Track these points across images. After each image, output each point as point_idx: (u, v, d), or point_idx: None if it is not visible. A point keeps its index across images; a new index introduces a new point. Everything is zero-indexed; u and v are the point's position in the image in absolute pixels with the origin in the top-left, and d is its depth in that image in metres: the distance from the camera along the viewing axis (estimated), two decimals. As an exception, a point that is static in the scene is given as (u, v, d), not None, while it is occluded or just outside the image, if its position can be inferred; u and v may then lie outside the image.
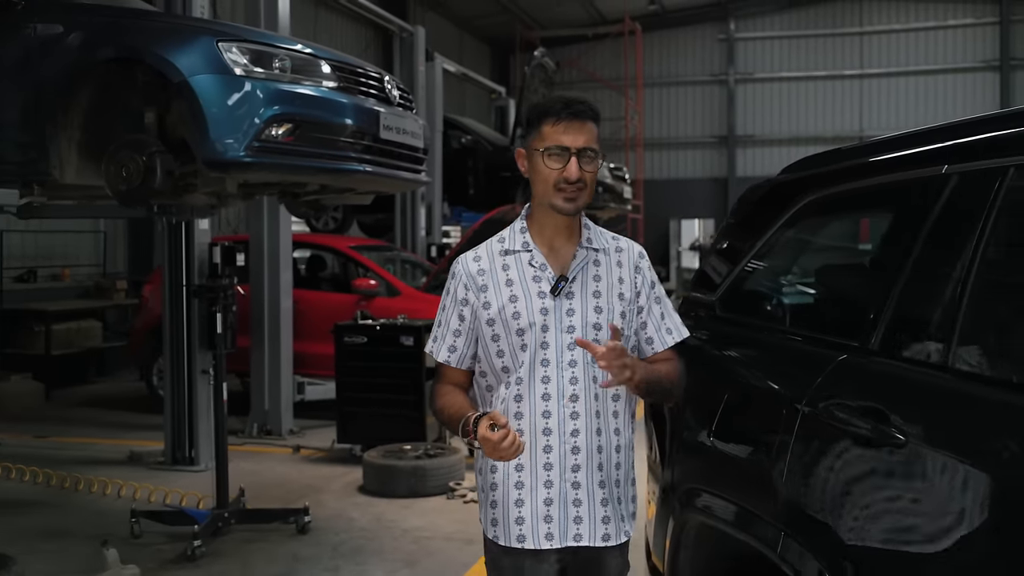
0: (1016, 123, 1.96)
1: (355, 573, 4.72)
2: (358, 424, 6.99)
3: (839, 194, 2.52)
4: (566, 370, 2.25)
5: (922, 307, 1.97)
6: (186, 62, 4.26)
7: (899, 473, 1.83)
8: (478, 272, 2.32)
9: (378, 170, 4.81)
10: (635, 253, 2.39)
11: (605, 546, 2.30)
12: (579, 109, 2.26)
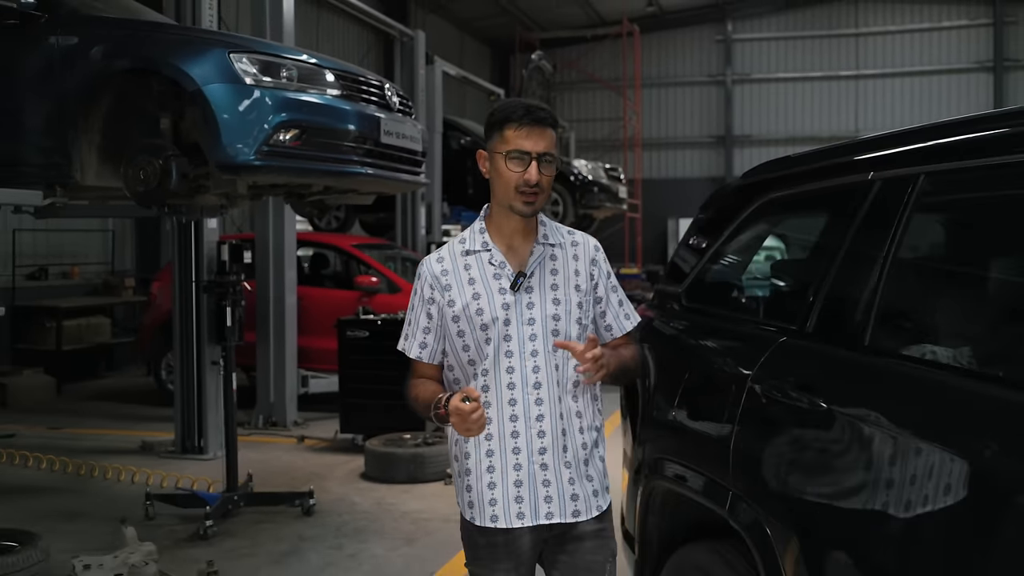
0: (925, 137, 2.27)
1: (358, 550, 5.03)
2: (360, 414, 7.30)
3: (789, 196, 2.83)
4: (528, 360, 2.38)
5: (847, 296, 2.28)
6: (200, 72, 4.56)
7: (823, 437, 2.14)
8: (441, 272, 2.44)
9: (379, 172, 5.12)
10: (591, 247, 2.52)
11: (576, 521, 2.42)
12: (540, 116, 2.35)
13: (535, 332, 2.39)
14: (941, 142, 2.20)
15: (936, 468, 1.80)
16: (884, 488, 1.91)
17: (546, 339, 2.39)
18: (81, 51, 4.82)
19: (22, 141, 5.01)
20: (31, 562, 4.34)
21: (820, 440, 2.16)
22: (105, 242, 12.10)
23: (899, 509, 1.87)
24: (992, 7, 23.54)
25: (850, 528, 2.00)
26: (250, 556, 4.93)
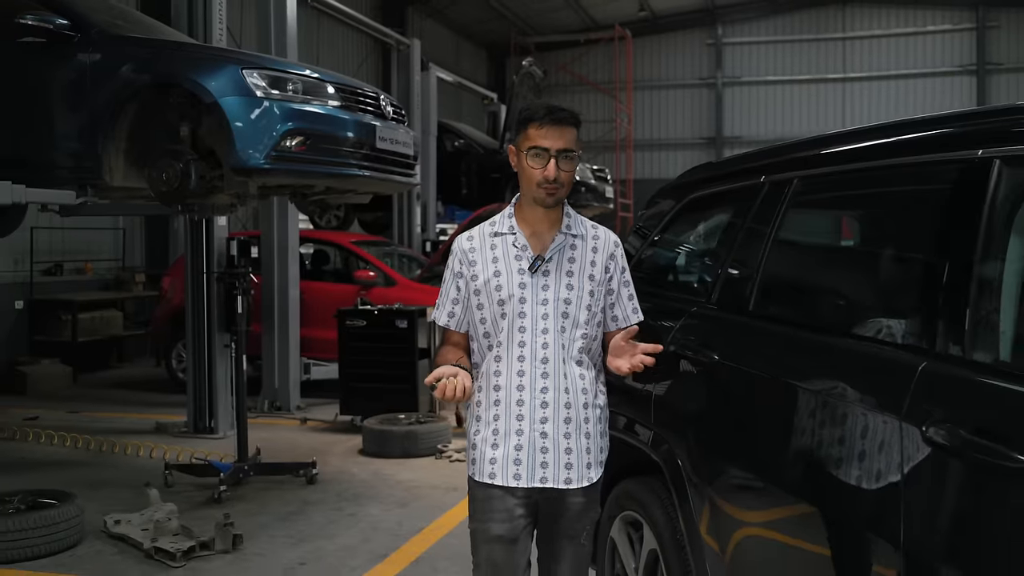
0: (798, 149, 2.88)
1: (356, 511, 5.64)
2: (358, 397, 7.92)
3: (708, 195, 3.45)
4: (539, 337, 2.60)
5: (739, 274, 2.90)
6: (216, 86, 5.19)
7: (716, 383, 2.76)
8: (470, 249, 2.70)
9: (375, 174, 5.75)
10: (611, 242, 2.75)
11: (567, 488, 2.64)
12: (560, 116, 2.58)
13: (547, 312, 2.61)
14: (808, 154, 2.82)
15: (789, 399, 2.42)
16: (760, 419, 2.53)
17: (556, 319, 2.61)
18: (109, 67, 5.45)
19: (57, 147, 5.65)
20: (70, 515, 4.95)
21: (714, 385, 2.78)
22: (116, 240, 12.71)
23: (768, 430, 2.49)
24: (975, 12, 24.14)
25: (735, 452, 2.62)
26: (260, 515, 5.54)
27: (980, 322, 1.97)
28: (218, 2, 7.76)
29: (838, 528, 2.22)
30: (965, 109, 2.32)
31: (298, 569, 4.67)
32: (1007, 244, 2.00)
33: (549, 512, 2.70)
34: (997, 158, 2.05)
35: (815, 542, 2.27)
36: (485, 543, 2.69)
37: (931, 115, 2.41)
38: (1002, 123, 2.12)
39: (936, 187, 2.23)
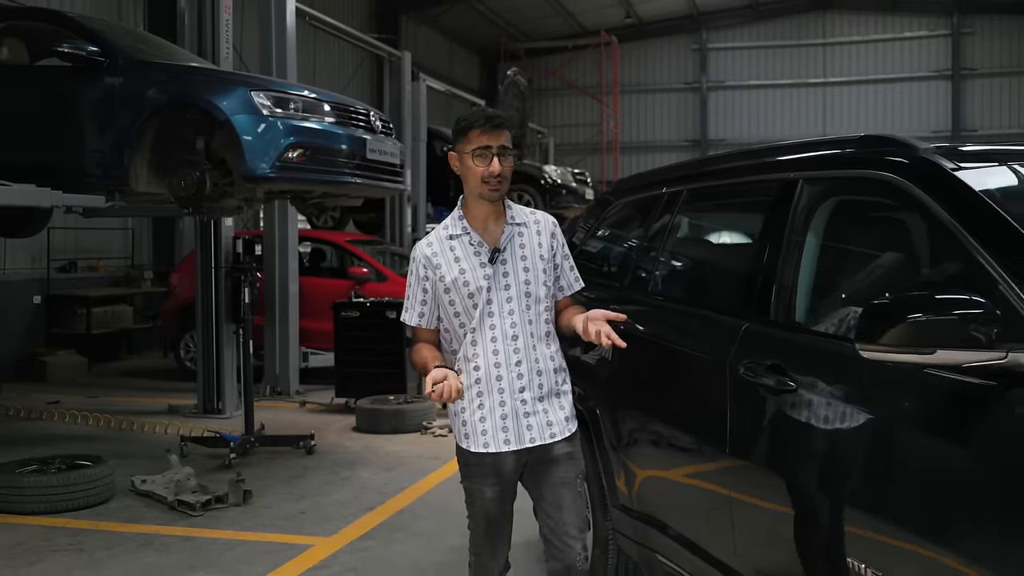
0: (687, 168, 3.73)
1: (349, 475, 6.47)
2: (352, 381, 8.74)
3: (631, 201, 4.28)
4: (507, 318, 2.90)
5: (644, 264, 3.74)
6: (228, 105, 6.02)
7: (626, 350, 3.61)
8: (432, 255, 2.95)
9: (366, 181, 6.59)
10: (550, 223, 3.05)
11: (553, 442, 2.95)
12: (497, 121, 2.88)
13: (511, 295, 2.91)
14: (693, 172, 3.67)
15: (668, 358, 3.26)
16: (652, 374, 3.37)
17: (520, 300, 2.91)
18: (135, 89, 6.28)
19: (88, 157, 6.47)
20: (103, 475, 5.78)
21: (623, 351, 3.62)
22: (126, 239, 13.52)
23: (655, 382, 3.33)
24: (950, 19, 25.01)
25: (636, 401, 3.46)
26: (266, 479, 6.36)
27: (783, 294, 2.82)
28: (225, 23, 8.61)
29: (696, 445, 3.07)
30: (789, 142, 3.16)
31: (299, 517, 5.50)
32: (805, 239, 2.84)
33: (542, 467, 2.97)
34: (801, 179, 2.89)
35: (685, 454, 3.13)
36: (480, 500, 3.00)
37: (766, 145, 3.26)
38: (804, 155, 2.98)
39: (766, 199, 3.08)
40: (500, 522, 3.05)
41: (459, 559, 4.68)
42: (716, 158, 3.59)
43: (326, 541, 5.02)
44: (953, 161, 2.44)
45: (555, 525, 2.96)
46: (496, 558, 3.11)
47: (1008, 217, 2.17)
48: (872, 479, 2.24)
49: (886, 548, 2.18)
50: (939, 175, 2.38)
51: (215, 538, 5.09)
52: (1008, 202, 2.27)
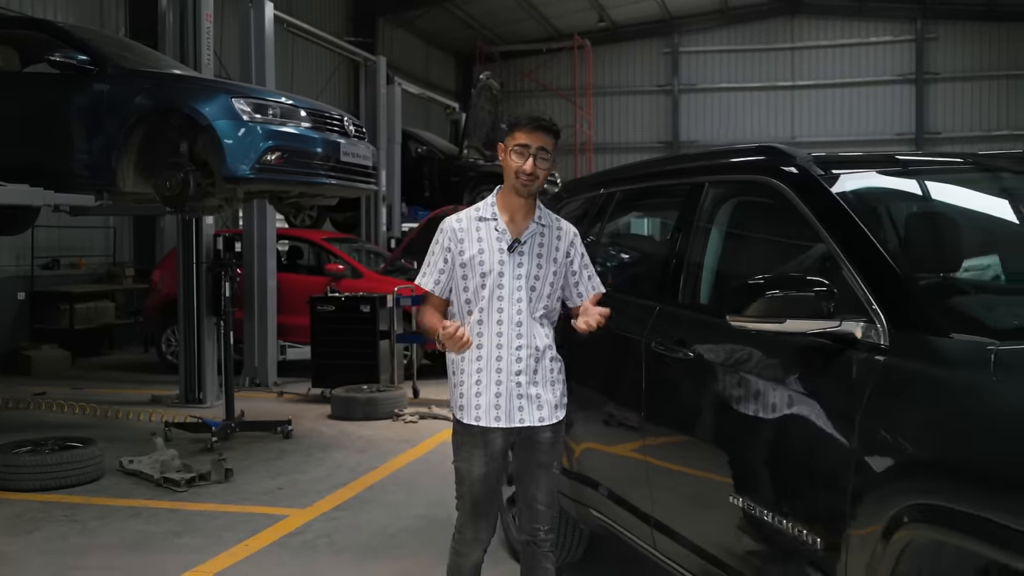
0: (620, 172, 4.22)
1: (324, 456, 6.93)
2: (328, 372, 9.19)
3: (574, 201, 4.77)
4: (515, 304, 3.08)
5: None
6: (210, 111, 6.47)
7: (565, 329, 4.09)
8: (459, 229, 3.15)
9: (340, 182, 7.05)
10: (571, 232, 3.25)
11: (541, 425, 3.14)
12: (542, 123, 3.09)
13: (520, 285, 3.10)
14: (625, 175, 4.16)
15: (608, 343, 3.75)
16: (591, 357, 3.86)
17: (527, 291, 3.11)
18: (123, 96, 6.72)
19: (77, 159, 6.89)
20: (94, 455, 6.22)
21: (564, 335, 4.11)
22: (107, 237, 13.89)
23: (593, 360, 3.82)
24: (914, 25, 25.68)
25: (577, 381, 3.95)
26: (245, 459, 6.80)
27: (690, 280, 3.32)
28: (206, 31, 9.04)
29: (621, 412, 3.56)
30: (698, 151, 3.65)
31: (277, 492, 5.96)
32: (709, 233, 3.34)
33: (526, 447, 3.19)
34: (707, 182, 3.39)
35: (613, 420, 3.62)
36: (468, 477, 3.17)
37: (682, 154, 3.75)
38: (710, 162, 3.48)
39: (681, 199, 3.57)
40: (486, 503, 3.20)
41: (425, 525, 5.20)
42: (643, 163, 4.09)
43: (302, 512, 5.48)
44: (824, 168, 2.93)
45: (529, 501, 3.22)
46: (478, 538, 3.23)
47: (854, 216, 2.67)
48: (744, 427, 2.74)
49: (757, 483, 2.68)
50: (808, 180, 2.88)
51: (199, 510, 5.54)
52: (859, 202, 2.77)
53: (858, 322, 2.41)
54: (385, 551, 4.79)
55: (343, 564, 4.61)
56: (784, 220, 2.97)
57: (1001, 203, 3.15)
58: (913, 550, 2.12)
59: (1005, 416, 2.00)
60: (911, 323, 2.34)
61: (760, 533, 2.67)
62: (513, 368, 3.10)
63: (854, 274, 2.51)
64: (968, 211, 3.09)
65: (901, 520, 2.11)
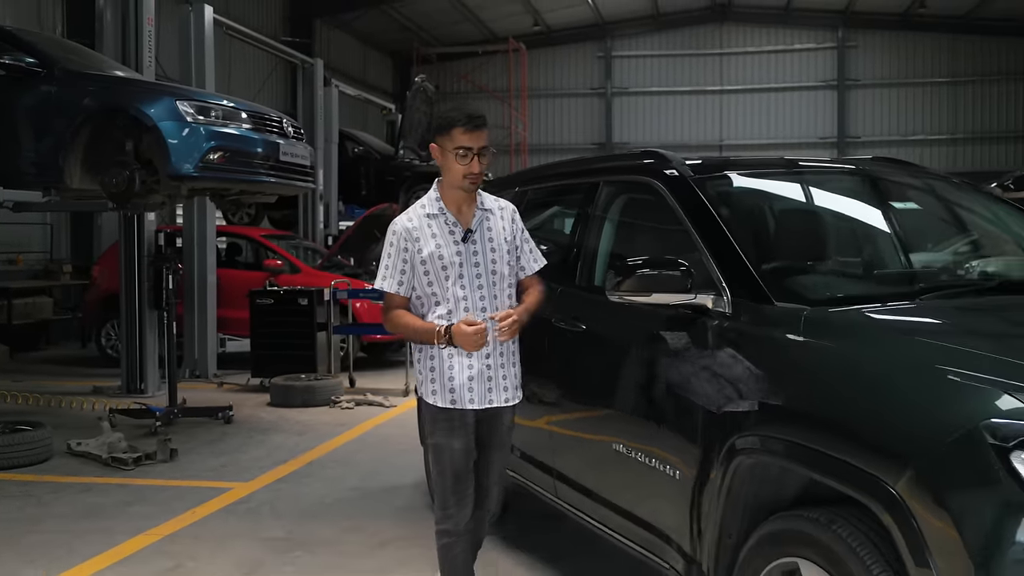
0: (529, 174, 4.75)
1: (264, 439, 7.34)
2: (267, 362, 9.59)
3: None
4: (476, 291, 3.23)
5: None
6: (155, 113, 6.86)
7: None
8: (412, 229, 3.26)
9: (279, 180, 7.49)
10: (511, 209, 3.42)
11: (507, 405, 3.33)
12: (480, 122, 3.19)
13: (480, 272, 3.24)
14: (535, 175, 4.69)
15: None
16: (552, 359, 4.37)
17: (488, 276, 3.24)
18: (70, 97, 7.07)
19: (25, 158, 7.22)
20: (43, 437, 6.56)
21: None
22: (45, 234, 14.04)
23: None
24: (836, 33, 26.77)
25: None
26: (189, 442, 7.18)
27: (586, 265, 3.86)
28: (147, 34, 9.36)
29: (532, 381, 4.09)
30: (596, 156, 4.20)
31: (220, 469, 6.38)
32: (603, 226, 3.89)
33: (489, 428, 3.35)
34: (602, 181, 3.94)
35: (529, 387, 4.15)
36: (448, 453, 3.30)
37: (583, 157, 4.30)
38: (605, 164, 4.03)
39: (586, 196, 4.11)
40: (465, 475, 3.33)
41: (360, 495, 5.69)
42: (550, 165, 4.63)
43: (245, 485, 5.92)
44: (695, 172, 3.50)
45: (480, 476, 3.40)
46: (462, 509, 3.34)
47: (713, 212, 3.23)
48: (623, 383, 3.28)
49: (633, 429, 3.24)
50: (679, 182, 3.43)
51: (147, 484, 5.94)
52: (720, 201, 3.34)
53: (710, 295, 2.97)
54: (324, 515, 5.26)
55: (285, 525, 5.06)
56: (661, 214, 3.51)
57: (843, 201, 3.75)
58: (745, 471, 2.68)
59: (807, 363, 2.57)
60: (749, 295, 2.90)
61: (638, 471, 3.21)
62: (482, 351, 3.24)
63: (709, 258, 3.07)
64: (812, 208, 3.68)
65: (737, 448, 2.67)
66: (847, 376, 2.46)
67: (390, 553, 4.61)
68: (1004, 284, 3.11)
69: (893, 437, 2.22)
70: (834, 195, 3.77)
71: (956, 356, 2.34)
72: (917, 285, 3.17)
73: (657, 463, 3.07)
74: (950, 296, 2.98)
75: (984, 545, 2.01)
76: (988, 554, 2.00)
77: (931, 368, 2.31)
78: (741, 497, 2.73)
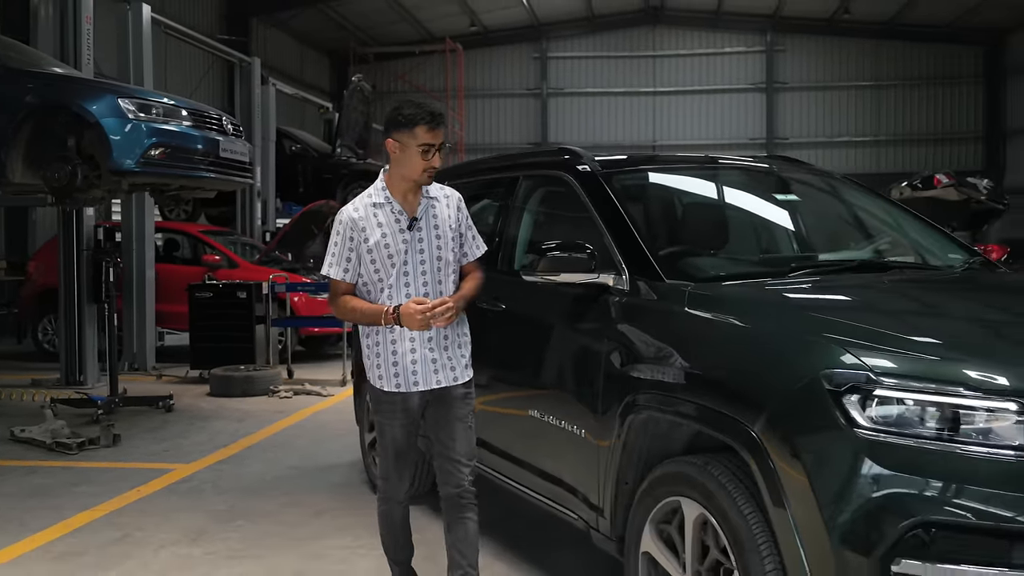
0: (466, 167, 5.11)
1: (205, 425, 7.59)
2: (206, 354, 9.79)
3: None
4: (420, 278, 3.33)
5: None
6: (98, 109, 7.07)
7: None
8: (358, 219, 3.33)
9: (219, 176, 7.75)
10: (456, 197, 3.50)
11: (454, 384, 3.41)
12: (441, 120, 3.32)
13: (424, 259, 3.34)
14: (465, 170, 5.06)
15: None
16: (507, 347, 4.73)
17: (433, 263, 3.34)
18: (10, 94, 7.24)
19: (-33, 152, 7.36)
20: (-13, 425, 6.74)
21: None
22: (-23, 230, 14.03)
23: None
24: (764, 37, 27.59)
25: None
26: (131, 429, 7.39)
27: (507, 252, 4.24)
28: (86, 32, 9.51)
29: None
30: (517, 152, 4.58)
31: (163, 453, 6.62)
32: (522, 216, 4.27)
33: (441, 405, 3.44)
34: (522, 176, 4.32)
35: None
36: (389, 432, 3.46)
37: (506, 154, 4.68)
38: (524, 160, 4.41)
39: (507, 189, 4.48)
40: (406, 452, 3.49)
41: (298, 473, 6.00)
42: (476, 161, 5.00)
43: (187, 466, 6.18)
44: (603, 167, 3.89)
45: (449, 454, 3.44)
46: (402, 482, 3.53)
47: (617, 203, 3.63)
48: (537, 355, 3.67)
49: (546, 395, 3.62)
50: (588, 176, 3.83)
51: (92, 467, 6.17)
52: (624, 193, 3.74)
53: (611, 275, 3.37)
54: (264, 491, 5.55)
55: (227, 500, 5.35)
56: (573, 204, 3.90)
57: (736, 194, 4.20)
58: (639, 426, 3.08)
59: (689, 330, 2.98)
60: (644, 274, 3.30)
61: (551, 434, 3.60)
62: (425, 336, 3.34)
63: (611, 242, 3.47)
64: (707, 200, 4.11)
65: (631, 406, 3.07)
66: (721, 339, 2.88)
67: (326, 521, 4.94)
68: (862, 264, 3.57)
69: (754, 388, 2.64)
70: (728, 189, 4.21)
71: (807, 320, 2.79)
72: (789, 266, 3.60)
73: (566, 424, 3.47)
74: (814, 275, 3.44)
75: (824, 479, 2.42)
76: (829, 487, 2.41)
77: (785, 330, 2.74)
78: (636, 450, 3.13)
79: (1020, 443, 2.29)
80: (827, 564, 2.39)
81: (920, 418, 2.36)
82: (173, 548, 4.53)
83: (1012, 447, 2.29)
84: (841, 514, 2.37)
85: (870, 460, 2.35)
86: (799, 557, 2.46)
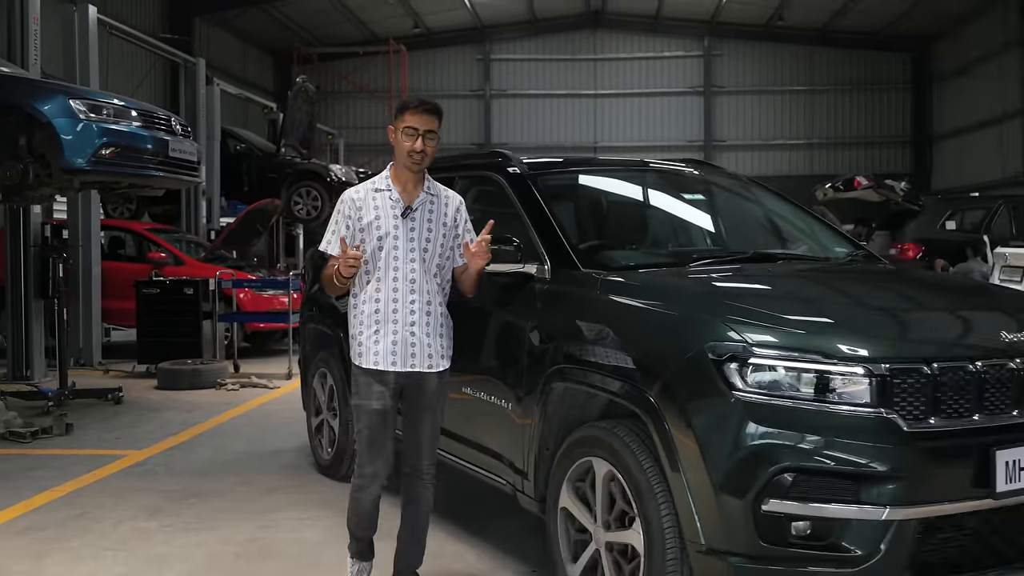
0: (447, 161, 5.47)
1: (155, 416, 7.85)
2: (153, 349, 10.02)
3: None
4: (408, 264, 3.46)
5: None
6: (49, 110, 7.30)
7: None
8: (358, 199, 3.52)
9: (167, 175, 8.01)
10: (457, 200, 3.67)
11: (430, 371, 3.52)
12: (428, 107, 3.46)
13: (414, 247, 3.48)
14: (448, 166, 5.43)
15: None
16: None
17: (420, 252, 3.48)
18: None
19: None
20: (-59, 416, 6.93)
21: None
22: (-82, 228, 13.97)
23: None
24: (702, 42, 28.32)
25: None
26: (82, 419, 7.61)
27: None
28: (34, 33, 9.67)
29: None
30: (454, 155, 4.95)
31: (115, 441, 6.88)
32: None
33: (415, 391, 3.55)
34: (457, 176, 4.71)
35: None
36: (366, 414, 3.51)
37: (443, 156, 5.05)
38: (460, 162, 4.80)
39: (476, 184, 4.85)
40: (381, 438, 3.52)
41: (247, 457, 6.33)
42: (449, 157, 5.35)
43: (139, 452, 6.46)
44: (532, 169, 4.30)
45: (413, 440, 3.61)
46: (376, 472, 3.54)
47: (542, 201, 4.04)
48: (474, 339, 4.06)
49: (478, 374, 4.02)
50: (516, 177, 4.23)
51: (47, 454, 6.42)
52: (549, 192, 4.15)
53: (535, 265, 3.78)
54: (215, 473, 5.87)
55: (180, 481, 5.65)
56: (503, 202, 4.30)
57: (653, 193, 4.64)
58: (558, 397, 3.49)
59: (601, 312, 3.41)
60: (563, 264, 3.72)
61: (484, 409, 3.99)
62: (407, 319, 3.47)
63: (536, 236, 3.88)
64: (626, 199, 4.55)
65: (551, 379, 3.48)
66: (627, 319, 3.31)
67: (277, 498, 5.28)
68: (756, 255, 4.04)
69: (652, 361, 3.07)
70: (648, 189, 4.65)
71: (698, 301, 3.23)
72: (691, 257, 4.05)
73: (496, 399, 3.87)
74: (712, 264, 3.89)
75: (708, 435, 2.85)
76: (712, 442, 2.84)
77: (679, 310, 3.18)
78: (555, 418, 3.55)
79: (866, 401, 2.74)
80: (711, 506, 2.83)
81: (788, 382, 2.81)
82: (131, 523, 4.83)
83: (860, 404, 2.75)
84: (721, 463, 2.80)
85: (746, 418, 2.79)
86: (688, 502, 2.89)
